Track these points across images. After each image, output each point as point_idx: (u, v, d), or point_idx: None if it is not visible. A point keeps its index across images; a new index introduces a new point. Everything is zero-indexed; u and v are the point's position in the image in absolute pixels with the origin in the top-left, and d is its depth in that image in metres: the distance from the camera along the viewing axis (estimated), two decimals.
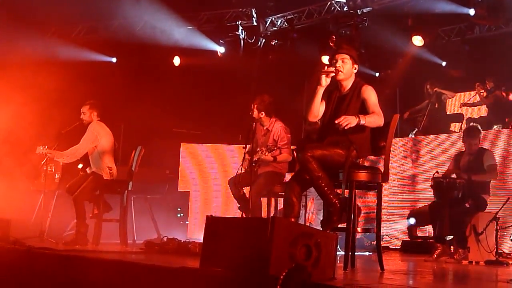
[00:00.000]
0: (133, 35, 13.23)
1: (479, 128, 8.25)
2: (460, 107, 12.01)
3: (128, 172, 8.40)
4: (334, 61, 5.54)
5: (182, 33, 13.17)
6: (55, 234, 8.34)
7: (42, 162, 8.48)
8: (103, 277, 4.92)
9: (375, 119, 5.31)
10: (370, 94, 5.45)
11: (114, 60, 13.84)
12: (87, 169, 8.17)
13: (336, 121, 5.19)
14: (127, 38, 13.17)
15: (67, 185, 8.23)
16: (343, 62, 5.52)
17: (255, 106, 7.71)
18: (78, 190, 7.87)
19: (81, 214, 7.87)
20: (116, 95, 11.22)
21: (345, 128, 5.15)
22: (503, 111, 11.18)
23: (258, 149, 7.48)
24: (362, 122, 5.22)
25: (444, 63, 12.95)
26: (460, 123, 11.74)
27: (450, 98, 12.22)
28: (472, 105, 11.87)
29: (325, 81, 5.44)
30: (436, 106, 11.93)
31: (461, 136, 8.41)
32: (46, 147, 8.08)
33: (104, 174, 8.11)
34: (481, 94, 11.32)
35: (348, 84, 5.57)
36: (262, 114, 7.74)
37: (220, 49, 13.49)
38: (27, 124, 10.01)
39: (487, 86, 11.36)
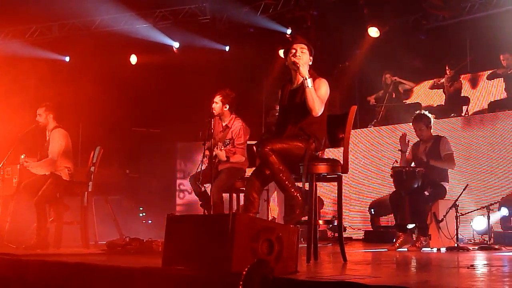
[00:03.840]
0: (88, 34, 13.08)
1: (427, 114, 8.29)
2: (430, 88, 12.06)
3: (87, 173, 8.31)
4: (294, 51, 5.50)
5: (138, 31, 13.05)
6: (15, 239, 8.19)
7: None
8: (65, 280, 4.85)
9: (316, 98, 5.29)
10: (320, 86, 5.41)
11: (67, 59, 13.63)
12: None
13: (293, 57, 5.41)
14: (82, 37, 13.03)
15: (22, 183, 8.11)
16: (302, 52, 5.48)
17: (220, 99, 7.63)
18: (39, 193, 7.76)
19: (42, 218, 7.76)
20: (73, 95, 11.07)
21: (296, 62, 5.34)
22: (460, 100, 11.31)
23: (215, 145, 7.44)
24: (309, 84, 5.28)
25: (400, 53, 13.00)
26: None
27: (409, 89, 12.28)
28: (438, 87, 11.87)
29: None
30: (394, 96, 12.00)
31: None
32: (24, 155, 7.99)
33: (63, 174, 8.03)
34: (447, 84, 11.38)
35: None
36: (226, 107, 7.65)
37: (176, 45, 13.38)
38: None
39: (448, 73, 11.41)
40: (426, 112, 8.32)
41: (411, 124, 8.45)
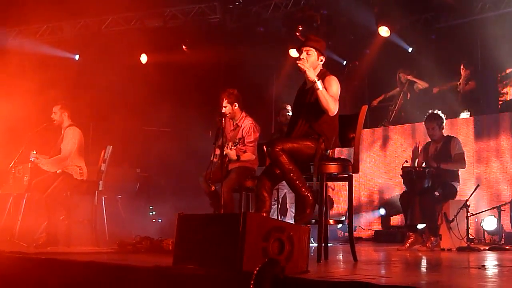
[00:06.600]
0: (98, 33, 13.10)
1: (440, 114, 8.22)
2: (435, 92, 11.89)
3: (98, 172, 8.33)
4: (300, 53, 5.56)
5: (148, 30, 13.05)
6: (26, 237, 8.22)
7: (10, 165, 8.37)
8: (76, 279, 4.86)
9: (329, 98, 5.29)
10: (331, 83, 5.43)
11: (77, 57, 13.66)
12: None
13: (297, 61, 5.40)
14: (92, 36, 13.05)
15: (34, 181, 8.14)
16: (307, 54, 5.52)
17: (226, 101, 7.63)
18: (49, 190, 7.78)
19: (52, 215, 7.78)
20: (83, 93, 11.08)
21: (301, 67, 5.34)
22: (474, 99, 11.21)
23: (226, 145, 7.44)
24: (319, 86, 5.26)
25: (410, 49, 12.83)
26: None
27: (422, 88, 12.08)
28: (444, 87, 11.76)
29: None
30: (409, 96, 11.78)
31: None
32: (35, 152, 8.01)
33: (75, 173, 8.04)
34: (463, 83, 11.23)
35: None
36: (235, 106, 7.66)
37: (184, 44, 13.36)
38: None
39: (462, 73, 11.28)
40: (439, 112, 8.24)
41: (420, 124, 8.41)
